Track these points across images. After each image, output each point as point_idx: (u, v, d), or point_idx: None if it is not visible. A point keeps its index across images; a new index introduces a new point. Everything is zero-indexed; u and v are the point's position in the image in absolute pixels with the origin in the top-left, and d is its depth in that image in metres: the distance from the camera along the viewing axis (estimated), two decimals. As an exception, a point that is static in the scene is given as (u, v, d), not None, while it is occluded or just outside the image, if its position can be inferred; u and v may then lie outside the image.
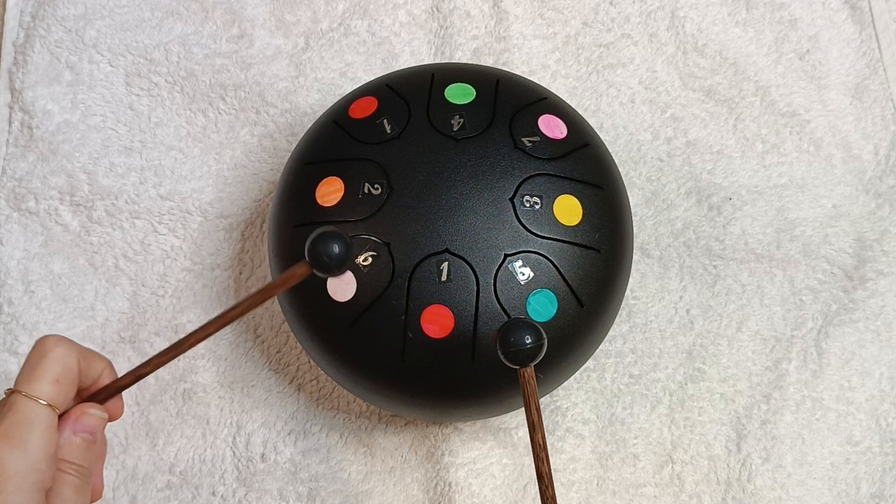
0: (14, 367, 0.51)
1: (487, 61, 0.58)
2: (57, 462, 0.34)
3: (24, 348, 0.51)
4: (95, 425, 0.36)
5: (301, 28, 0.59)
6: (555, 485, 0.48)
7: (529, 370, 0.36)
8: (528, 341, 0.35)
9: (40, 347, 0.34)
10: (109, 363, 0.37)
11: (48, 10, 0.59)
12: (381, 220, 0.41)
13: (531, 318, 0.38)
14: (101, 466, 0.38)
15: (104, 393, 0.36)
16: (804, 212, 0.55)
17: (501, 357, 0.36)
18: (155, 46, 0.58)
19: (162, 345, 0.52)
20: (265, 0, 0.60)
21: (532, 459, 0.49)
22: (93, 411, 0.36)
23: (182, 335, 0.52)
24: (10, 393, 0.33)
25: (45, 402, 0.33)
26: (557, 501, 0.38)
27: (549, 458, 0.36)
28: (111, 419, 0.37)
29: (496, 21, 0.59)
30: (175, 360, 0.51)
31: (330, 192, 0.43)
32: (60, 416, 0.35)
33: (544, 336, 0.36)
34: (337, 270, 0.33)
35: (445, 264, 0.40)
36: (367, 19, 0.59)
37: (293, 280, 0.33)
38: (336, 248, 0.32)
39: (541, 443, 0.37)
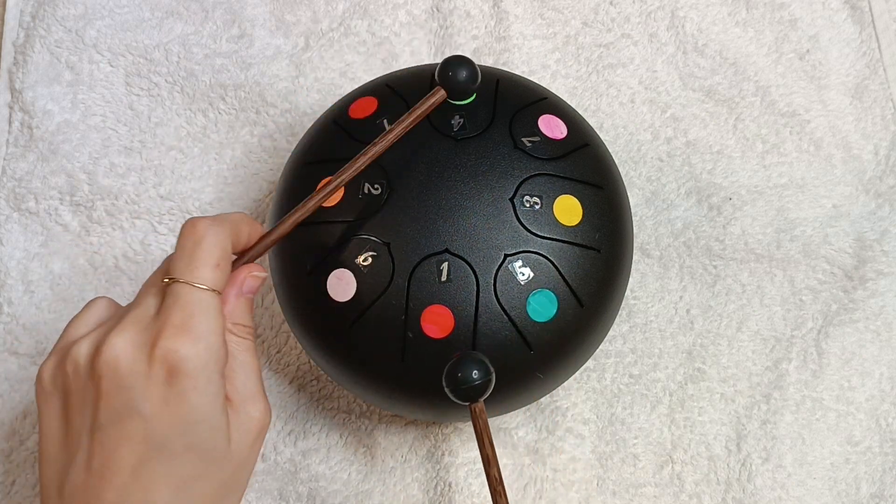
0: (14, 366, 0.51)
1: (487, 61, 0.58)
2: (230, 328, 0.34)
3: (24, 348, 0.51)
4: (257, 285, 0.36)
5: (301, 28, 0.59)
6: (554, 484, 0.49)
7: (479, 405, 0.36)
8: (475, 376, 0.35)
9: (193, 232, 0.33)
10: (248, 217, 0.36)
11: (48, 10, 0.59)
12: (381, 220, 0.41)
13: (478, 354, 0.37)
14: None
15: (258, 248, 0.36)
16: (804, 212, 0.55)
17: (449, 394, 0.35)
18: (155, 46, 0.58)
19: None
20: (265, 0, 0.60)
21: (532, 460, 0.49)
22: (256, 273, 0.36)
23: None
24: (171, 283, 0.33)
25: (208, 288, 0.33)
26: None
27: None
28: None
29: (496, 21, 0.59)
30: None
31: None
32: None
33: (492, 370, 0.35)
34: (468, 93, 0.39)
35: (445, 264, 0.40)
36: (367, 19, 0.59)
37: (432, 106, 0.38)
38: (464, 73, 0.38)
39: (497, 477, 0.36)
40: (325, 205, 0.42)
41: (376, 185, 0.42)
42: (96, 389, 0.31)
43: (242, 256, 0.36)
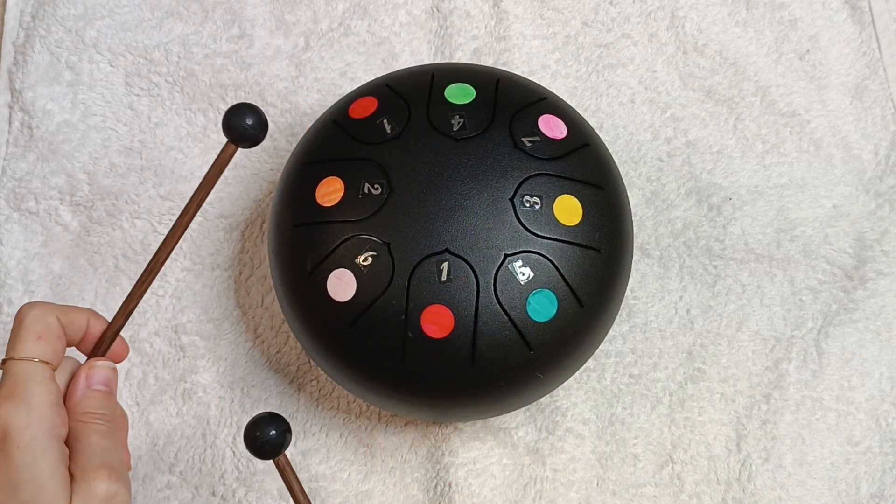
0: (14, 367, 0.51)
1: (487, 61, 0.58)
2: (79, 417, 0.35)
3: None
4: (107, 376, 0.37)
5: (301, 28, 0.59)
6: (554, 484, 0.49)
7: (283, 458, 0.36)
8: (271, 433, 0.35)
9: (17, 316, 0.36)
10: (92, 312, 0.38)
11: (48, 10, 0.59)
12: (381, 220, 0.41)
13: (271, 412, 0.37)
14: (125, 437, 0.39)
15: (103, 343, 0.38)
16: (804, 212, 0.55)
17: (252, 454, 0.35)
18: (155, 46, 0.58)
19: (162, 345, 0.52)
20: (265, 0, 0.60)
21: (532, 460, 0.49)
22: (99, 363, 0.37)
23: (182, 335, 0.52)
24: (3, 363, 0.35)
25: (36, 360, 0.35)
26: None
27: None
28: (117, 361, 0.39)
29: (496, 21, 0.59)
30: (175, 360, 0.51)
31: (330, 192, 0.43)
32: (70, 381, 0.36)
33: (286, 422, 0.35)
34: (255, 140, 0.36)
35: (445, 264, 0.40)
36: (367, 19, 0.59)
37: (224, 162, 0.36)
38: (249, 120, 0.35)
39: None
40: (325, 205, 0.42)
41: (376, 185, 0.42)
42: None
43: (96, 349, 0.38)
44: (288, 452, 0.49)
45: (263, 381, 0.51)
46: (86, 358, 0.39)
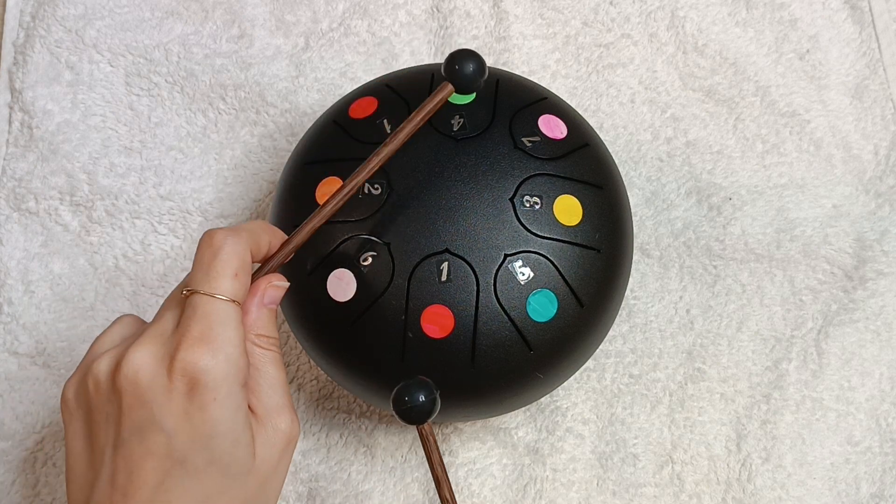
0: (14, 367, 0.51)
1: (487, 61, 0.58)
2: (253, 340, 0.34)
3: (24, 348, 0.51)
4: (279, 295, 0.36)
5: (301, 28, 0.59)
6: (554, 484, 0.49)
7: (427, 426, 0.36)
8: (421, 399, 0.35)
9: (210, 243, 0.33)
10: (267, 225, 0.36)
11: (48, 10, 0.59)
12: (381, 220, 0.41)
13: (424, 378, 0.37)
14: None
15: (278, 258, 0.36)
16: (804, 212, 0.55)
17: (397, 417, 0.35)
18: (155, 46, 0.58)
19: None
20: (265, 0, 0.60)
21: (532, 460, 0.49)
22: (277, 283, 0.35)
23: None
24: (190, 293, 0.32)
25: (229, 300, 0.32)
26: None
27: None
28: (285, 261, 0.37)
29: (496, 21, 0.59)
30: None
31: (330, 192, 0.42)
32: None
33: (436, 391, 0.36)
34: (474, 87, 0.39)
35: (445, 264, 0.40)
36: (367, 19, 0.59)
37: (440, 102, 0.38)
38: (471, 66, 0.38)
39: (448, 498, 0.36)
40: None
41: (376, 185, 0.42)
42: (118, 405, 0.31)
43: (264, 266, 0.36)
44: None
45: (263, 381, 0.51)
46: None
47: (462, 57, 0.38)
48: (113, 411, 0.32)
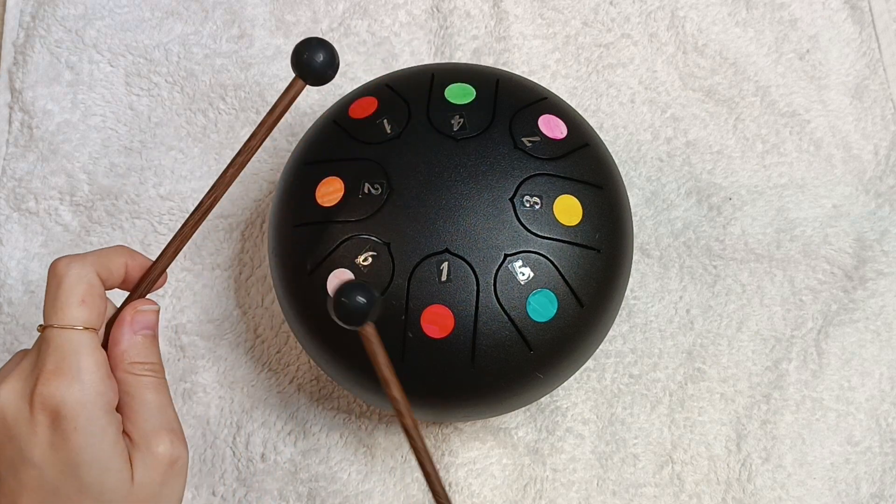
0: (14, 367, 0.51)
1: (487, 61, 0.58)
2: (127, 368, 0.34)
3: (24, 348, 0.51)
4: (151, 319, 0.35)
5: (301, 28, 0.59)
6: (554, 484, 0.49)
7: (369, 328, 0.33)
8: (360, 300, 0.32)
9: (54, 273, 0.33)
10: (127, 250, 0.36)
11: (48, 10, 0.59)
12: (380, 220, 0.41)
13: (361, 281, 0.33)
14: None
15: (144, 284, 0.36)
16: (804, 212, 0.55)
17: (337, 320, 0.32)
18: (155, 46, 0.58)
19: (162, 345, 0.52)
20: (265, 0, 0.60)
21: (532, 460, 0.49)
22: (144, 307, 0.35)
23: (182, 335, 0.52)
24: (43, 329, 0.32)
25: (80, 327, 0.32)
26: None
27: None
28: (157, 288, 0.36)
29: (496, 21, 0.59)
30: (175, 360, 0.51)
31: (330, 192, 0.43)
32: (113, 320, 0.34)
33: (376, 294, 0.32)
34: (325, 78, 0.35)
35: (445, 264, 0.40)
36: (367, 19, 0.59)
37: (292, 99, 0.35)
38: (321, 56, 0.35)
39: (397, 397, 0.33)
40: (325, 205, 0.42)
41: (376, 185, 0.42)
42: None
43: (134, 292, 0.36)
44: (288, 452, 0.49)
45: (263, 381, 0.51)
46: (126, 295, 0.36)
47: (308, 46, 0.35)
48: None
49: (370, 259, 0.41)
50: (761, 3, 0.60)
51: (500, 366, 0.41)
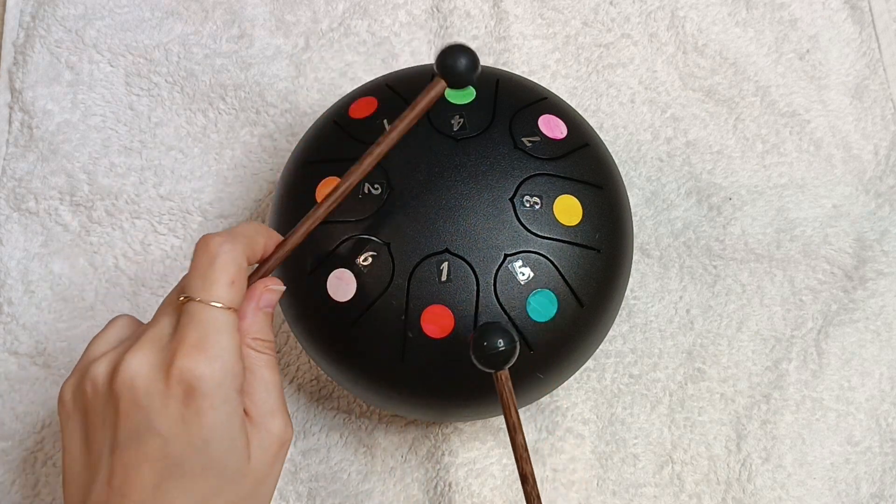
0: (14, 367, 0.51)
1: (487, 61, 0.58)
2: (248, 343, 0.34)
3: (24, 348, 0.51)
4: (274, 298, 0.36)
5: (301, 28, 0.59)
6: (554, 484, 0.49)
7: (504, 373, 0.36)
8: (501, 345, 0.35)
9: (206, 250, 0.33)
10: (264, 227, 0.36)
11: (48, 10, 0.59)
12: (381, 220, 0.41)
13: (501, 324, 0.37)
14: None
15: (274, 261, 0.36)
16: (804, 212, 0.55)
17: (476, 362, 0.36)
18: (155, 46, 0.58)
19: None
20: (265, 0, 0.60)
21: (532, 459, 0.49)
22: (273, 286, 0.36)
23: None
24: (186, 300, 0.33)
25: (224, 306, 0.32)
26: (542, 501, 0.38)
27: (531, 458, 0.37)
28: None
29: (496, 21, 0.59)
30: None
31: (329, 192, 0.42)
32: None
33: (517, 339, 0.36)
34: (468, 82, 0.38)
35: (445, 264, 0.40)
36: (367, 19, 0.59)
37: (434, 98, 0.37)
38: (463, 61, 0.37)
39: (523, 444, 0.37)
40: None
41: (376, 185, 0.42)
42: (115, 409, 0.32)
43: (260, 268, 0.36)
44: (288, 452, 0.49)
45: (263, 381, 0.51)
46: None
47: (454, 52, 0.38)
48: (110, 415, 0.32)
49: (370, 259, 0.41)
50: (761, 3, 0.60)
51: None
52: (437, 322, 0.40)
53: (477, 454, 0.49)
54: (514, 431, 0.37)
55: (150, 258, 0.54)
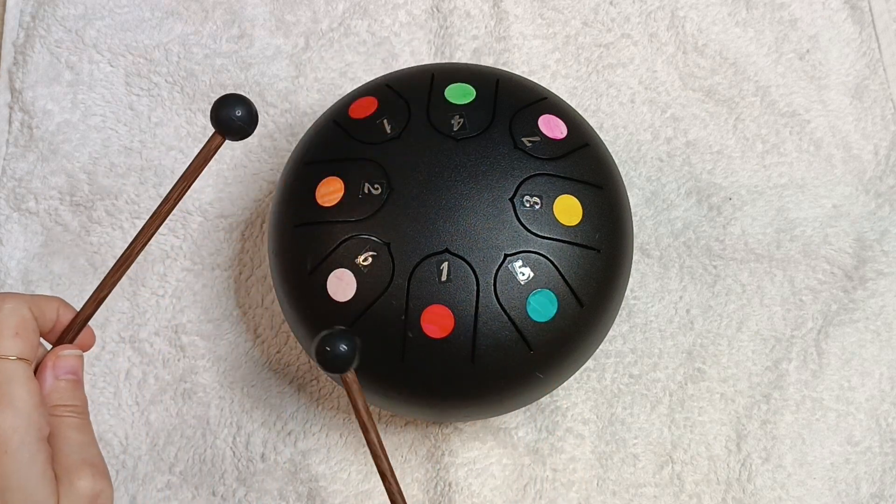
0: (14, 367, 0.51)
1: (487, 61, 0.58)
2: (51, 410, 0.34)
3: None
4: (74, 364, 0.36)
5: (301, 28, 0.59)
6: (554, 484, 0.49)
7: (350, 375, 0.36)
8: (342, 350, 0.35)
9: None
10: (61, 301, 0.37)
11: (48, 10, 0.59)
12: (381, 220, 0.41)
13: (343, 328, 0.37)
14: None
15: (71, 330, 0.37)
16: (804, 212, 0.55)
17: (321, 368, 0.36)
18: (155, 46, 0.58)
19: (162, 345, 0.52)
20: (265, 0, 0.60)
21: (532, 460, 0.49)
22: (66, 352, 0.36)
23: (182, 335, 0.52)
24: None
25: (13, 357, 0.33)
26: (405, 495, 0.39)
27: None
28: (84, 349, 0.38)
29: (496, 21, 0.59)
30: (175, 360, 0.51)
31: (330, 192, 0.43)
32: (35, 368, 0.35)
33: (357, 342, 0.35)
34: (243, 132, 0.36)
35: (445, 264, 0.40)
36: (367, 19, 0.59)
37: (209, 154, 0.36)
38: (238, 111, 0.35)
39: (376, 441, 0.37)
40: (325, 205, 0.42)
41: (376, 185, 0.42)
42: None
43: (62, 338, 0.37)
44: (288, 452, 0.49)
45: (263, 381, 0.51)
46: (50, 347, 0.38)
47: (228, 102, 0.36)
48: None
49: (370, 259, 0.41)
50: (761, 3, 0.60)
51: (500, 366, 0.41)
52: (437, 322, 0.40)
53: (477, 454, 0.49)
54: (367, 431, 0.37)
55: (150, 258, 0.54)
